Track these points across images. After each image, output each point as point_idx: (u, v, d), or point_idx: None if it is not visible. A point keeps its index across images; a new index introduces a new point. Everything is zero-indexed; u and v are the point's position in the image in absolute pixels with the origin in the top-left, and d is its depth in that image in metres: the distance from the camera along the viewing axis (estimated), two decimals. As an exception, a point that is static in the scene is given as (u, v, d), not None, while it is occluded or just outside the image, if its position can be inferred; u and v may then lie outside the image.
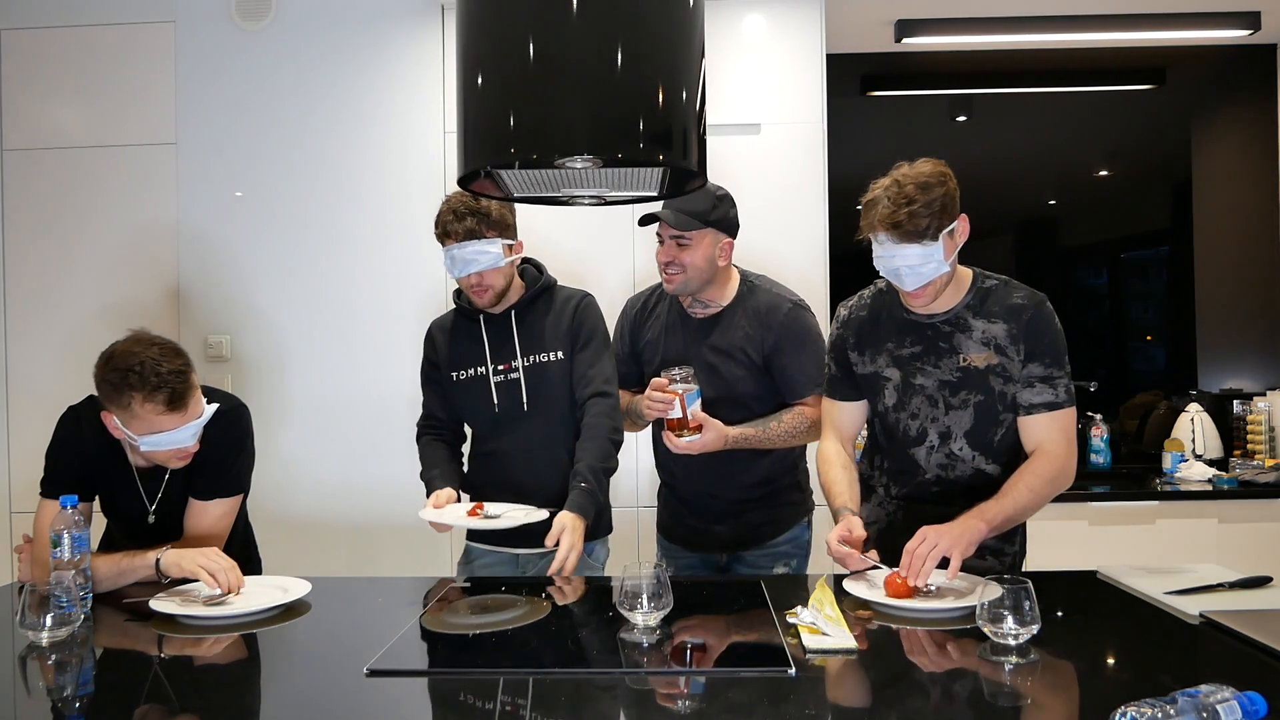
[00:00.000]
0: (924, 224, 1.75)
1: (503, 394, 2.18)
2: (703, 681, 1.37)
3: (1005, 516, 1.77)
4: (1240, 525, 3.20)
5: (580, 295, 2.25)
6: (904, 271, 1.80)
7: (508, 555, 2.24)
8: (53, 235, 3.26)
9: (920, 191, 1.76)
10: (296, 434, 3.22)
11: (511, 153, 1.46)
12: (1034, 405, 1.85)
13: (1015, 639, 1.42)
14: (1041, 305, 1.88)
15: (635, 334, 2.38)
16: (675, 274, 2.18)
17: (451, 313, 2.30)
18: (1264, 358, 3.84)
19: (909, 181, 1.77)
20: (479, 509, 2.03)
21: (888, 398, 1.95)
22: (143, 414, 1.77)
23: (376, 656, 1.45)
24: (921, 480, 1.94)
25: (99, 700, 1.37)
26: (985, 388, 1.86)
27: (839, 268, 3.29)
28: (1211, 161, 3.91)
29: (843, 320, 2.04)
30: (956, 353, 1.88)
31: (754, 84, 3.24)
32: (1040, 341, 1.85)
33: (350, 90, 3.26)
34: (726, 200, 2.21)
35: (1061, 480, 1.85)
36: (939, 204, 1.77)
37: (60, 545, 1.68)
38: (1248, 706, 1.07)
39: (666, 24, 1.47)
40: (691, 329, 2.27)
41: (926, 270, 1.79)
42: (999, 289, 1.91)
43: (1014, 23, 3.47)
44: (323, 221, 3.26)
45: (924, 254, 1.77)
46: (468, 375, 2.21)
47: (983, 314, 1.88)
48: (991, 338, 1.87)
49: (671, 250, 2.17)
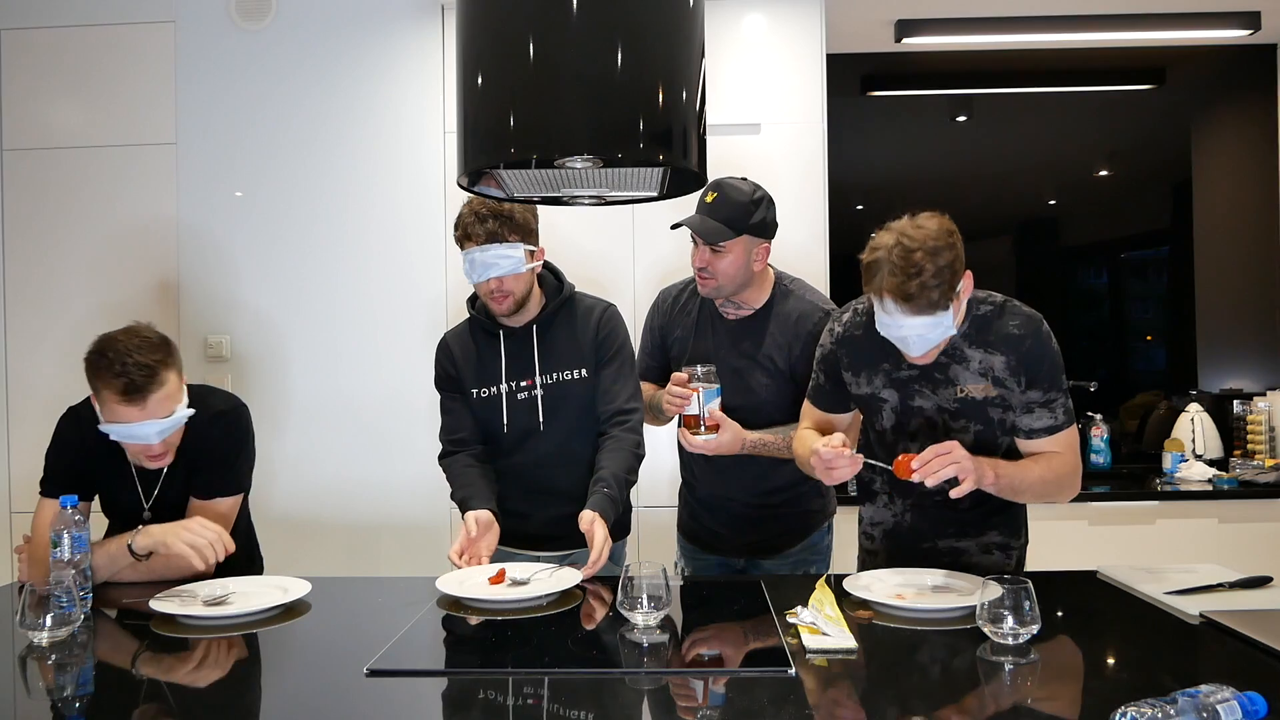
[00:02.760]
0: (935, 295, 1.65)
1: (518, 411, 2.10)
2: (702, 681, 1.37)
3: (1012, 483, 1.76)
4: (1240, 525, 3.20)
5: (603, 307, 2.17)
6: (912, 340, 1.73)
7: (529, 558, 2.19)
8: (53, 235, 3.26)
9: (929, 258, 1.65)
10: (296, 434, 3.22)
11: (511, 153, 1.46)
12: (1034, 430, 1.82)
13: (1015, 639, 1.42)
14: (1038, 331, 1.80)
15: (665, 328, 2.33)
16: (708, 279, 2.13)
17: (466, 324, 2.19)
18: (1264, 358, 3.84)
19: (916, 246, 1.66)
20: (501, 577, 1.85)
21: (885, 420, 1.91)
22: (104, 399, 1.80)
23: (376, 656, 1.45)
24: (923, 492, 1.92)
25: (99, 700, 1.36)
26: (984, 418, 1.82)
27: (839, 268, 3.29)
28: (1211, 161, 3.91)
29: (837, 337, 1.95)
30: (953, 384, 1.83)
31: (754, 84, 3.24)
32: (1040, 369, 1.79)
33: (350, 90, 3.26)
34: (764, 203, 2.12)
35: (1069, 483, 1.84)
36: (948, 271, 1.66)
37: (60, 545, 1.69)
38: (1248, 706, 1.07)
39: (666, 24, 1.47)
40: (722, 331, 2.22)
41: (934, 336, 1.72)
42: (995, 316, 1.82)
43: (1014, 23, 3.47)
44: (323, 221, 3.26)
45: (933, 322, 1.69)
46: (487, 394, 2.12)
47: (979, 344, 1.81)
48: (989, 368, 1.81)
49: (705, 256, 2.11)
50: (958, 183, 3.95)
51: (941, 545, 1.93)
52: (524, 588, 1.80)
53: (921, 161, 3.98)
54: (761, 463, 2.16)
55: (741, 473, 2.20)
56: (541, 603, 1.76)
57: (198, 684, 1.43)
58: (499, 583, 1.83)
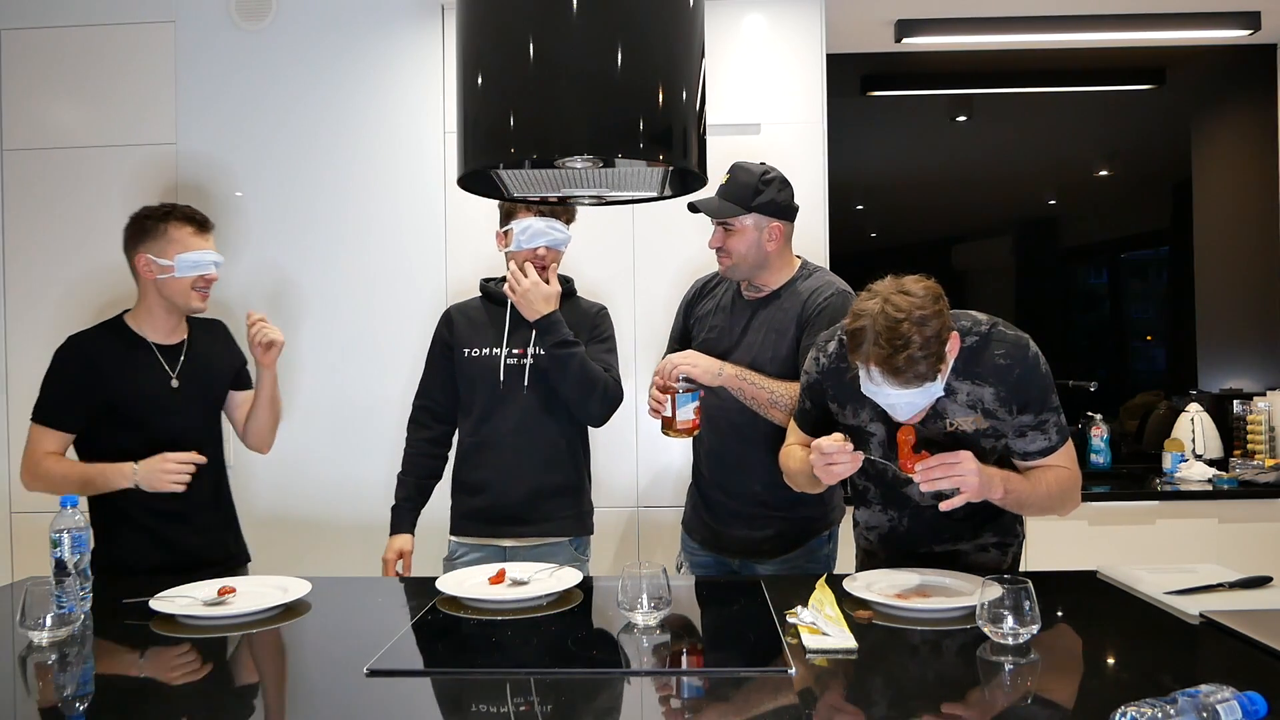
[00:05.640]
0: (923, 368, 1.60)
1: (509, 375, 2.28)
2: (703, 682, 1.37)
3: (1019, 498, 1.75)
4: (1240, 525, 3.20)
5: (600, 306, 2.41)
6: (900, 408, 1.68)
7: (494, 548, 2.26)
8: (53, 235, 3.26)
9: (916, 329, 1.58)
10: (297, 434, 3.22)
11: (511, 153, 1.47)
12: (1029, 453, 1.81)
13: (1015, 639, 1.42)
14: (1025, 357, 1.76)
15: (691, 309, 2.40)
16: (724, 258, 2.20)
17: (476, 298, 2.41)
18: (1264, 358, 3.84)
19: (902, 316, 1.58)
20: (501, 577, 1.88)
21: (874, 451, 1.87)
22: (177, 237, 2.17)
23: (376, 656, 1.45)
24: (916, 506, 1.91)
25: (99, 700, 1.36)
26: (976, 450, 1.77)
27: (839, 268, 3.29)
28: (1211, 161, 3.91)
29: (822, 368, 1.90)
30: (942, 418, 1.79)
31: (754, 84, 3.24)
32: (1030, 394, 1.76)
33: (350, 90, 3.26)
34: (775, 183, 2.17)
35: (1071, 496, 1.83)
36: (936, 341, 1.60)
37: (60, 545, 1.68)
38: (1248, 706, 1.07)
39: (666, 24, 1.47)
40: (742, 309, 2.27)
41: (922, 402, 1.68)
42: (980, 346, 1.77)
43: (1014, 23, 3.47)
44: (323, 221, 3.26)
45: (921, 392, 1.65)
46: (480, 354, 2.31)
47: (967, 376, 1.77)
48: (978, 400, 1.77)
49: (720, 236, 2.19)
50: (958, 183, 3.94)
51: (938, 550, 1.92)
52: (524, 588, 1.81)
53: (921, 161, 3.98)
54: (765, 463, 2.15)
55: (745, 473, 2.20)
56: (541, 603, 1.76)
57: (198, 684, 1.43)
58: (499, 583, 1.84)
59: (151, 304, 2.21)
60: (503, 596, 1.77)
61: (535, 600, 1.76)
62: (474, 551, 2.30)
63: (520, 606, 1.74)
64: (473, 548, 2.31)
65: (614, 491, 3.16)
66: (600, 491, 3.10)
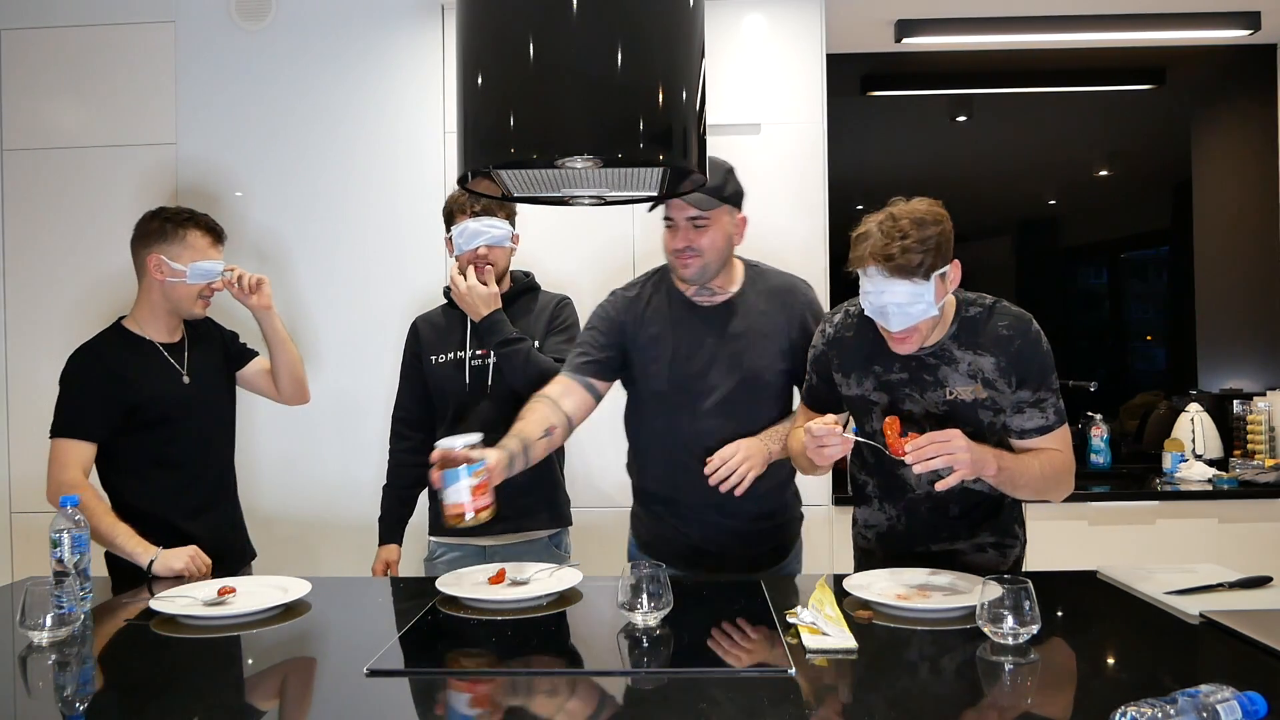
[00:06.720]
0: (916, 260, 1.67)
1: (474, 377, 2.31)
2: (703, 682, 1.37)
3: (1012, 476, 1.76)
4: (1240, 525, 3.20)
5: (561, 296, 2.42)
6: (891, 310, 1.73)
7: (474, 548, 2.28)
8: (53, 235, 3.26)
9: (915, 227, 1.69)
10: (296, 434, 3.22)
11: (511, 153, 1.47)
12: (1026, 430, 1.83)
13: (1015, 639, 1.42)
14: (1027, 331, 1.81)
15: (632, 329, 2.15)
16: (692, 258, 2.01)
17: (439, 307, 2.44)
18: (1264, 358, 3.84)
19: (904, 216, 1.71)
20: (501, 577, 1.86)
21: (876, 422, 1.88)
22: (194, 244, 2.20)
23: (376, 656, 1.45)
24: (913, 497, 1.91)
25: (99, 700, 1.36)
26: (974, 421, 1.81)
27: (839, 268, 3.28)
28: (1211, 161, 3.91)
29: (828, 338, 1.96)
30: (942, 386, 1.82)
31: (754, 84, 3.24)
32: (1030, 368, 1.80)
33: (350, 90, 3.26)
34: (734, 173, 2.07)
35: (1064, 480, 1.84)
36: (933, 242, 1.70)
37: (60, 545, 1.69)
38: (1248, 706, 1.07)
39: (666, 24, 1.47)
40: (701, 318, 2.10)
41: (915, 311, 1.72)
42: (983, 318, 1.83)
43: (1014, 23, 3.47)
44: (323, 221, 3.26)
45: (914, 293, 1.70)
46: (446, 359, 2.34)
47: (968, 345, 1.81)
48: (979, 370, 1.81)
49: (687, 234, 2.00)
50: (958, 183, 3.94)
51: (935, 549, 1.93)
52: (524, 588, 1.81)
53: (921, 161, 3.98)
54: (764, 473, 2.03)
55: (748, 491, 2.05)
56: (541, 603, 1.76)
57: (198, 684, 1.43)
58: (499, 583, 1.84)
59: (154, 303, 2.23)
60: (503, 596, 1.77)
61: (535, 600, 1.76)
62: (452, 551, 2.34)
63: (520, 606, 1.74)
64: (451, 547, 2.34)
65: (607, 491, 3.15)
66: (593, 491, 3.11)
